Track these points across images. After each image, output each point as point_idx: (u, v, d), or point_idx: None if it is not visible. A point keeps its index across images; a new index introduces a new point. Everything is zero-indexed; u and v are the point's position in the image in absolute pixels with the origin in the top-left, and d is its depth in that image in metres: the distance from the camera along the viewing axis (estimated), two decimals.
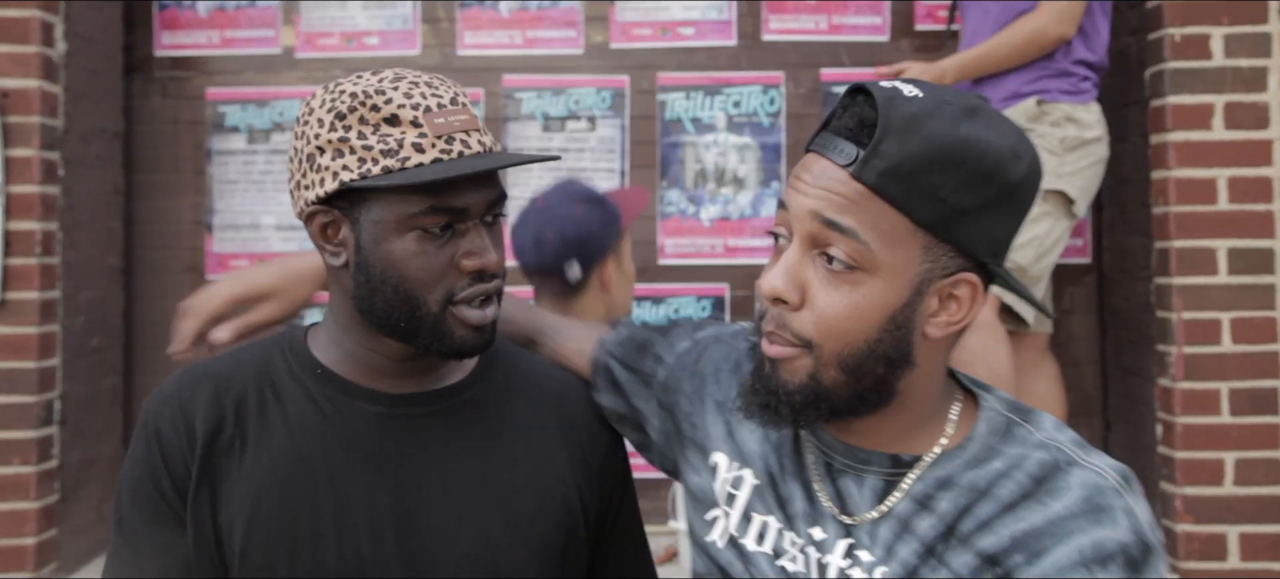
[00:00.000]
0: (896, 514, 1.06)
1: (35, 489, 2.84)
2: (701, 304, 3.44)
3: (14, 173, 2.86)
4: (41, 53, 2.88)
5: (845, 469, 1.11)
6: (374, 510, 1.16)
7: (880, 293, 1.01)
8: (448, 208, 1.13)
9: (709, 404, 1.25)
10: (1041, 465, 1.02)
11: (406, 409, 1.21)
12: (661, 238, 3.47)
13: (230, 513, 1.15)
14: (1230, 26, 2.86)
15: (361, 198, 1.14)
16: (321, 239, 1.18)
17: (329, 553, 1.15)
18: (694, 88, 3.48)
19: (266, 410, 1.19)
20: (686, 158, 3.49)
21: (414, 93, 1.15)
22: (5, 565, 2.82)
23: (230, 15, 3.49)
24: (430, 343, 1.16)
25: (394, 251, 1.13)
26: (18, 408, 2.84)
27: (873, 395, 1.05)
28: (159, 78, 3.49)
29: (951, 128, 0.99)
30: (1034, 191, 1.04)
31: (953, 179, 0.99)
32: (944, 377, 1.10)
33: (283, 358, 1.23)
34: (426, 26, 3.49)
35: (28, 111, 2.86)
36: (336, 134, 1.14)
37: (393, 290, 1.14)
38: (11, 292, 2.85)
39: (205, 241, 3.47)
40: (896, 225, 1.00)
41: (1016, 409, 1.09)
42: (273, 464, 1.16)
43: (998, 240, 1.03)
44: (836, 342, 1.02)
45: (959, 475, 1.05)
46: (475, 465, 1.21)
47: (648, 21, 3.48)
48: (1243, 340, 2.83)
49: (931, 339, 1.04)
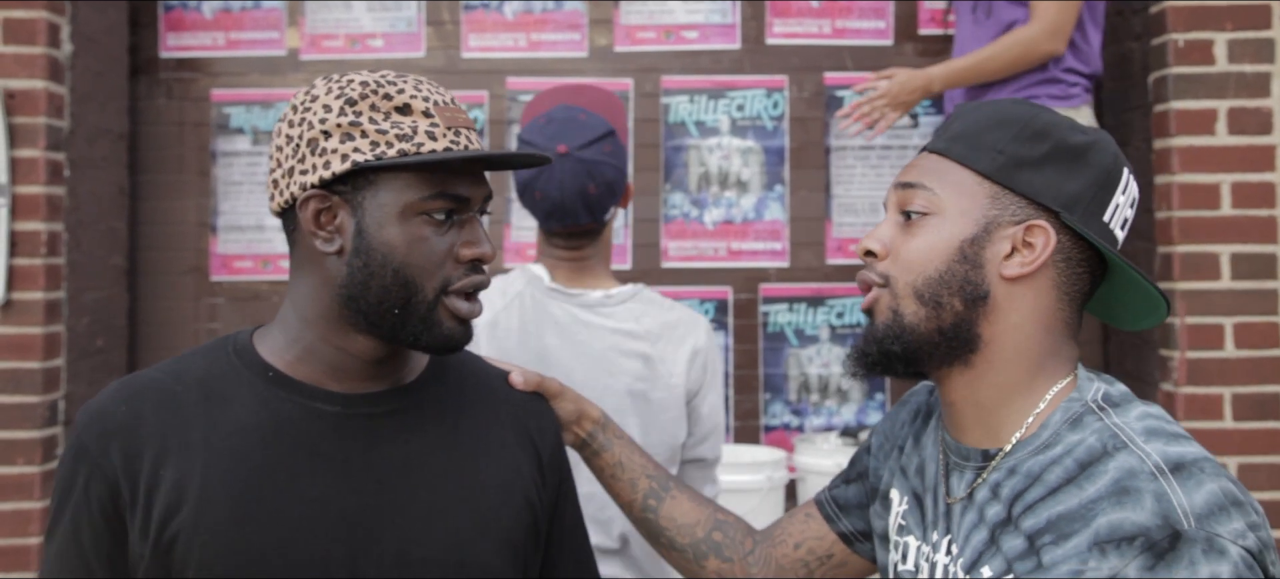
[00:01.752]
0: (976, 503, 1.14)
1: (39, 489, 2.85)
2: (704, 307, 3.44)
3: (20, 173, 2.87)
4: (47, 54, 2.89)
5: (954, 466, 1.20)
6: (338, 512, 1.15)
7: (949, 228, 1.15)
8: (453, 195, 1.16)
9: (893, 452, 1.35)
10: (1089, 451, 1.06)
11: (364, 408, 1.20)
12: (665, 240, 3.47)
13: (180, 522, 1.12)
14: (1234, 32, 2.87)
15: (368, 182, 1.15)
16: (314, 225, 1.17)
17: (294, 556, 1.13)
18: (698, 91, 3.48)
19: (212, 414, 1.17)
20: (690, 161, 3.49)
21: (422, 88, 1.19)
22: (9, 566, 2.83)
23: (235, 17, 3.50)
24: (418, 332, 1.17)
25: (396, 236, 1.15)
26: (22, 408, 2.84)
27: (954, 334, 1.15)
28: (164, 79, 3.50)
29: (1010, 103, 1.19)
30: (1109, 163, 1.16)
31: (1008, 133, 1.15)
32: (1041, 350, 1.16)
33: (228, 362, 1.21)
34: (431, 29, 3.50)
35: (33, 112, 2.87)
36: (347, 119, 1.15)
37: (392, 275, 1.15)
38: (17, 292, 2.86)
39: (209, 243, 3.48)
40: (961, 178, 1.16)
41: (1108, 399, 1.13)
42: (223, 470, 1.14)
43: (1070, 195, 1.14)
44: (910, 272, 1.16)
45: (1023, 462, 1.11)
46: (437, 462, 1.22)
47: (652, 25, 3.49)
48: (1246, 346, 2.83)
49: (1010, 281, 1.14)
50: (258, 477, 1.14)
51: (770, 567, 1.45)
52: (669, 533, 1.48)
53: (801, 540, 1.44)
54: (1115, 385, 1.16)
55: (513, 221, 3.47)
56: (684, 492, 1.52)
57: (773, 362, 3.45)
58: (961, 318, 1.15)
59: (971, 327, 1.15)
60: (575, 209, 1.86)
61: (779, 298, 3.46)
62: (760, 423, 3.46)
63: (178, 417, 1.16)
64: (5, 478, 2.83)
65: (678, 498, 1.50)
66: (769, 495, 2.94)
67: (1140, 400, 1.15)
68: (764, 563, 1.45)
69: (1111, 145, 1.18)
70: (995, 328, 1.15)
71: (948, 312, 1.15)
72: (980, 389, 1.17)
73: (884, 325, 1.17)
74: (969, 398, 1.18)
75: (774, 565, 1.44)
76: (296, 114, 1.18)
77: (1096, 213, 1.15)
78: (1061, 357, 1.17)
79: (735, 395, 3.46)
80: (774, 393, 3.46)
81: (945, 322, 1.15)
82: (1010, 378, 1.15)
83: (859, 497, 1.41)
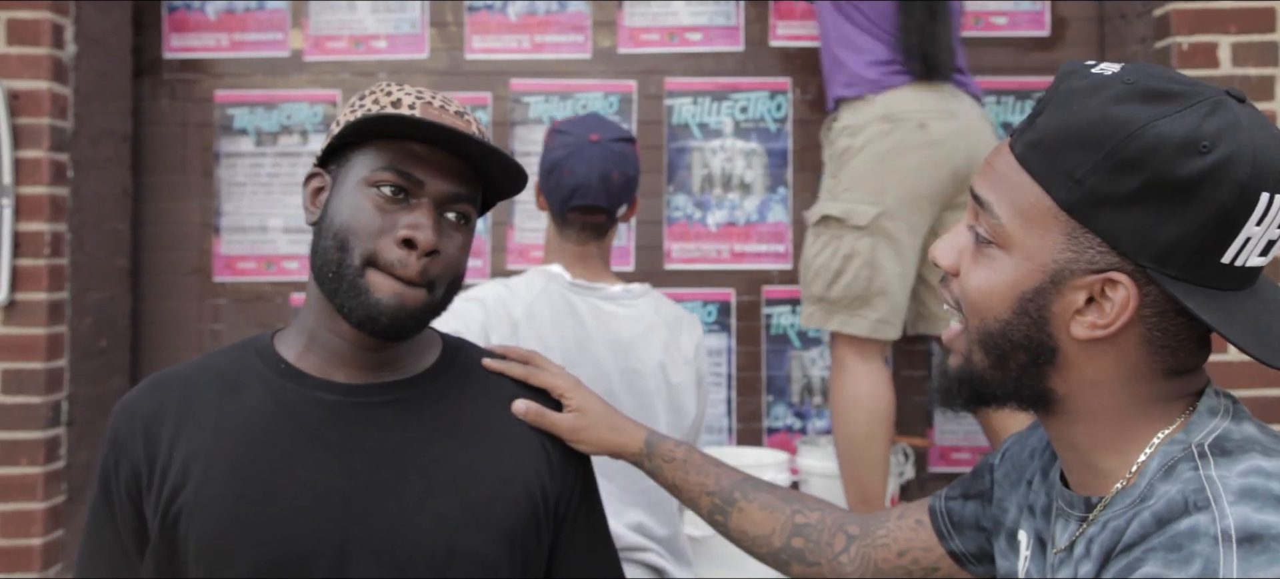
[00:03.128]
0: (1073, 558, 1.02)
1: (42, 490, 2.85)
2: (707, 309, 3.44)
3: (23, 174, 2.87)
4: (51, 54, 2.89)
5: (1059, 513, 1.08)
6: (332, 495, 1.19)
7: (1011, 271, 0.98)
8: (404, 172, 1.19)
9: (1021, 485, 1.21)
10: (1170, 506, 0.91)
11: (363, 397, 1.25)
12: (668, 243, 3.47)
13: (184, 501, 1.19)
14: (1238, 35, 2.86)
15: (345, 158, 1.23)
16: (311, 203, 1.26)
17: (289, 536, 1.17)
18: (701, 93, 3.48)
19: (221, 403, 1.24)
20: (693, 163, 3.49)
21: (424, 95, 1.24)
22: (12, 566, 2.83)
23: (239, 18, 3.50)
24: (346, 300, 1.20)
25: (347, 203, 1.21)
26: (25, 409, 2.85)
27: (1026, 390, 1.01)
28: (168, 80, 3.50)
29: (1105, 105, 0.92)
30: (1228, 199, 0.90)
31: (1090, 159, 0.92)
32: (1134, 402, 0.99)
33: (247, 359, 1.28)
34: (435, 30, 3.50)
35: (37, 113, 2.88)
36: (348, 109, 1.25)
37: (333, 238, 1.20)
38: (20, 293, 2.86)
39: (213, 244, 3.48)
40: (1036, 202, 0.96)
41: (1219, 445, 0.95)
42: (228, 453, 1.20)
43: (1165, 244, 0.91)
44: (975, 315, 1.01)
45: (1116, 517, 0.97)
46: (431, 450, 1.24)
47: (655, 27, 3.49)
48: None
49: (1080, 340, 0.96)
50: (256, 457, 1.20)
51: (868, 568, 1.35)
52: (744, 546, 1.42)
53: (907, 549, 1.34)
54: (1243, 424, 0.98)
55: (516, 223, 3.47)
56: (754, 499, 1.41)
57: (775, 364, 3.45)
58: (1027, 373, 1.00)
59: (1040, 382, 1.00)
60: (597, 190, 2.00)
61: (782, 300, 3.46)
62: (763, 425, 3.46)
63: (194, 403, 1.24)
64: (8, 478, 2.83)
65: (746, 509, 1.41)
66: None
67: (1270, 446, 0.95)
68: (862, 563, 1.35)
69: (1239, 170, 0.90)
70: (1070, 385, 0.99)
71: (1013, 366, 1.00)
72: (1071, 434, 1.02)
73: (956, 370, 1.05)
74: (1062, 440, 1.04)
75: (872, 566, 1.35)
76: None
77: (1209, 257, 0.92)
78: (1166, 400, 0.99)
79: (738, 397, 3.46)
80: (777, 395, 3.46)
81: (1011, 373, 1.00)
82: (1099, 430, 1.00)
83: (976, 516, 1.28)
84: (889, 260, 2.83)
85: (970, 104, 2.91)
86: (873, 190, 2.83)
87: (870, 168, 2.85)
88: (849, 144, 2.90)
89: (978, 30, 3.48)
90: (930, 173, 2.83)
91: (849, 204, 2.86)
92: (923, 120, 2.82)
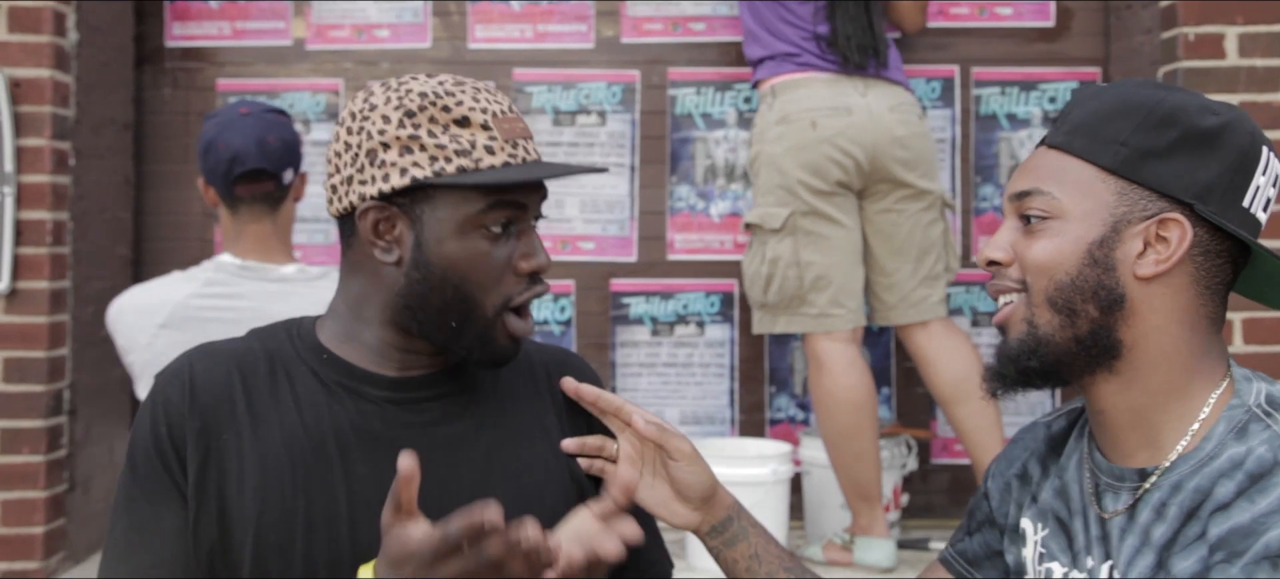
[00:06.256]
0: (1138, 525, 1.09)
1: (44, 478, 2.85)
2: (710, 300, 3.43)
3: (25, 162, 2.87)
4: (53, 42, 2.88)
5: (1107, 487, 1.14)
6: (386, 490, 1.16)
7: (1074, 230, 1.10)
8: (512, 204, 1.17)
9: (1014, 486, 1.30)
10: (1259, 462, 1.02)
11: (411, 392, 1.23)
12: (671, 233, 3.46)
13: (239, 488, 1.16)
14: (1245, 26, 2.85)
15: (427, 196, 1.16)
16: (373, 235, 1.18)
17: (343, 531, 1.16)
18: (705, 83, 3.47)
19: (277, 388, 1.21)
20: (696, 153, 3.48)
21: (480, 98, 1.19)
22: (14, 554, 2.83)
23: (241, 7, 3.49)
24: (473, 348, 1.19)
25: (456, 251, 1.16)
26: (27, 397, 2.84)
27: (1093, 343, 1.10)
28: (169, 69, 3.49)
29: (1132, 89, 1.12)
30: (1246, 144, 1.09)
31: (1131, 123, 1.09)
32: (1190, 351, 1.11)
33: (291, 343, 1.25)
34: (437, 20, 3.49)
35: (39, 101, 2.87)
36: (406, 131, 1.16)
37: (453, 290, 1.17)
38: (22, 281, 2.86)
39: (214, 233, 3.48)
40: (1082, 174, 1.11)
41: (1272, 401, 1.08)
42: (284, 441, 1.18)
43: (1203, 184, 1.08)
44: (1041, 277, 1.11)
45: (1188, 479, 1.06)
46: (482, 442, 1.24)
47: (659, 16, 3.48)
48: (1255, 341, 2.82)
49: (1145, 280, 1.09)
50: (311, 452, 1.18)
51: None
52: None
53: None
54: (1276, 384, 1.12)
55: None
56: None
57: (778, 355, 3.44)
58: (1098, 325, 1.09)
59: (1110, 333, 1.09)
60: (256, 155, 2.04)
61: None
62: (765, 416, 3.46)
63: (247, 386, 1.20)
64: (10, 467, 2.83)
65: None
66: (774, 489, 2.93)
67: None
68: None
69: (1247, 124, 1.11)
70: (1135, 332, 1.09)
71: (1083, 319, 1.09)
72: (1132, 395, 1.11)
73: (1018, 341, 1.12)
74: (1122, 405, 1.12)
75: None
76: (355, 122, 1.19)
77: (1234, 199, 1.09)
78: (1212, 355, 1.12)
79: (740, 389, 3.45)
80: (779, 386, 3.46)
81: (1082, 330, 1.10)
82: (1161, 382, 1.10)
83: (987, 544, 1.34)
84: (817, 254, 2.89)
85: (880, 95, 2.94)
86: (781, 192, 2.91)
87: (773, 171, 2.93)
88: (759, 150, 2.98)
89: (983, 21, 3.46)
90: (836, 163, 2.89)
91: (763, 209, 2.95)
92: (813, 118, 2.89)
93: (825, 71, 2.92)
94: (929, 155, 3.01)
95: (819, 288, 2.89)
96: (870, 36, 2.92)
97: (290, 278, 2.07)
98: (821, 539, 3.02)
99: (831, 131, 2.87)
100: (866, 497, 2.88)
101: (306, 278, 2.09)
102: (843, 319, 2.91)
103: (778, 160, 2.91)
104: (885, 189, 2.96)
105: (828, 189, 2.89)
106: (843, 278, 2.91)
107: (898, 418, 3.42)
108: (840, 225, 2.91)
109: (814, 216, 2.89)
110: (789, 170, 2.89)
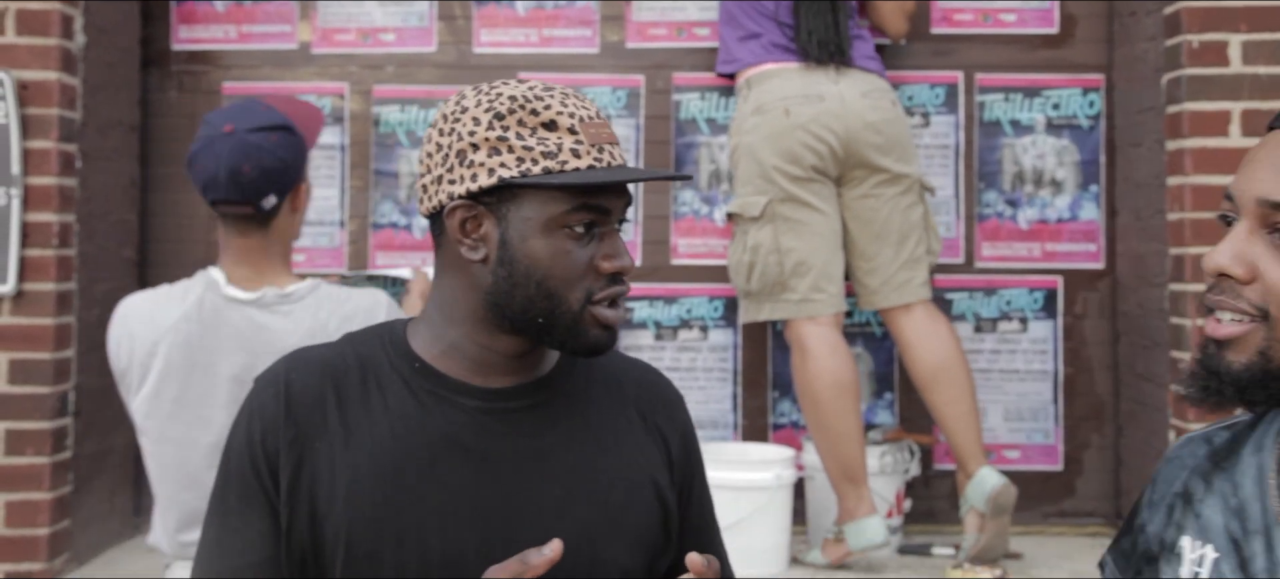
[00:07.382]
0: None
1: (49, 480, 2.86)
2: (714, 304, 3.44)
3: (32, 164, 2.88)
4: (61, 45, 2.90)
5: None
6: (475, 502, 1.20)
7: None
8: (595, 207, 1.20)
9: (1173, 507, 1.20)
10: None
11: (501, 403, 1.25)
12: (675, 238, 3.47)
13: (331, 496, 1.18)
14: (1248, 33, 2.85)
15: (513, 195, 1.20)
16: (460, 233, 1.22)
17: (433, 541, 1.18)
18: (709, 88, 3.48)
19: (369, 398, 1.23)
20: (701, 158, 3.49)
21: (568, 103, 1.23)
22: (19, 555, 2.84)
23: (247, 10, 3.50)
24: (565, 339, 1.22)
25: (540, 249, 1.19)
26: (33, 399, 2.85)
27: None
28: (175, 71, 3.51)
29: None
30: None
31: None
32: None
33: (383, 351, 1.27)
34: (443, 24, 3.50)
35: (46, 103, 2.88)
36: (495, 133, 1.20)
37: (536, 287, 1.20)
38: (28, 283, 2.87)
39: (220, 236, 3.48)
40: None
41: None
42: (375, 451, 1.20)
43: None
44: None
45: None
46: (569, 456, 1.25)
47: (663, 21, 3.49)
48: None
49: None
50: (402, 462, 1.20)
51: None
52: None
53: None
54: None
55: None
56: None
57: (781, 360, 3.45)
58: None
59: None
60: (226, 185, 1.92)
61: None
62: (768, 421, 3.46)
63: (341, 394, 1.23)
64: (15, 468, 2.84)
65: None
66: (777, 494, 2.94)
67: None
68: None
69: None
70: None
71: None
72: None
73: (1246, 366, 1.00)
74: None
75: None
76: (447, 123, 1.23)
77: None
78: None
79: (743, 393, 3.46)
80: (782, 391, 3.46)
81: None
82: None
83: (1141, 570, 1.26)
84: (796, 240, 2.96)
85: (852, 82, 3.00)
86: (759, 180, 2.98)
87: (751, 160, 3.00)
88: (737, 141, 3.05)
89: (987, 28, 3.47)
90: (810, 149, 2.95)
91: (743, 198, 3.02)
92: (786, 106, 2.95)
93: (798, 62, 3.01)
94: (904, 140, 3.07)
95: (800, 273, 2.96)
96: (834, 34, 3.00)
97: (271, 304, 1.97)
98: None
99: (805, 118, 2.94)
100: (852, 478, 2.91)
101: (288, 301, 1.98)
102: (824, 304, 2.97)
103: (754, 149, 2.98)
104: (862, 175, 3.03)
105: (804, 175, 2.96)
106: (823, 263, 2.97)
107: (900, 423, 3.43)
108: (818, 211, 2.98)
109: (792, 203, 2.95)
110: (765, 158, 2.96)
